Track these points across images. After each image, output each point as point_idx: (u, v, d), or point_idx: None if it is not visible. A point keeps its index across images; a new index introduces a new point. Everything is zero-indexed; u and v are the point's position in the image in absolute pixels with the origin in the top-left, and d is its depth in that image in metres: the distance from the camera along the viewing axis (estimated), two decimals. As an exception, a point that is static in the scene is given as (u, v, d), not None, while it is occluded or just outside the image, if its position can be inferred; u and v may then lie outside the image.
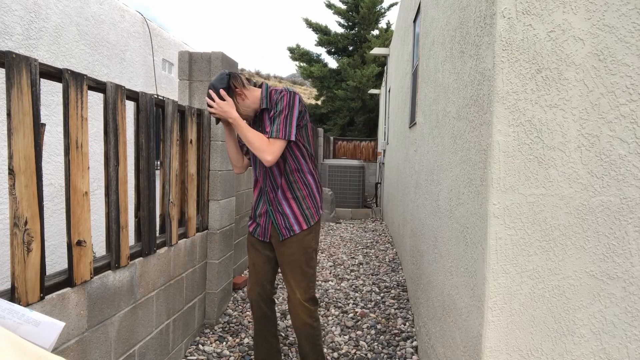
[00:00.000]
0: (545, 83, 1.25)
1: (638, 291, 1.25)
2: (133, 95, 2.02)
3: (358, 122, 14.80)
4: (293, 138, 1.99)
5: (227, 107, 2.00)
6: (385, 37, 13.97)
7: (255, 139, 1.97)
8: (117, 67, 5.27)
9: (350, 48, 15.38)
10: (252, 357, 2.62)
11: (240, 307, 3.41)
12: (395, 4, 15.38)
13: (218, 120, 2.10)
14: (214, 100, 2.01)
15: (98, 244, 3.81)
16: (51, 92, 4.09)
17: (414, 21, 3.97)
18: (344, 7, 15.16)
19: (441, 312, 1.98)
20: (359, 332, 3.02)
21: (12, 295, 1.35)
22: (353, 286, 4.04)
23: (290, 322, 3.15)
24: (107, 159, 1.84)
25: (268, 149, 1.95)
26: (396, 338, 2.94)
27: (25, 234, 1.37)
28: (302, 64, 15.44)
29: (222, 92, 2.00)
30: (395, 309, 3.45)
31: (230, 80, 2.02)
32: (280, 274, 4.16)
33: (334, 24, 61.82)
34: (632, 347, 1.26)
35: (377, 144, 12.16)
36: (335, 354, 2.70)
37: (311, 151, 2.17)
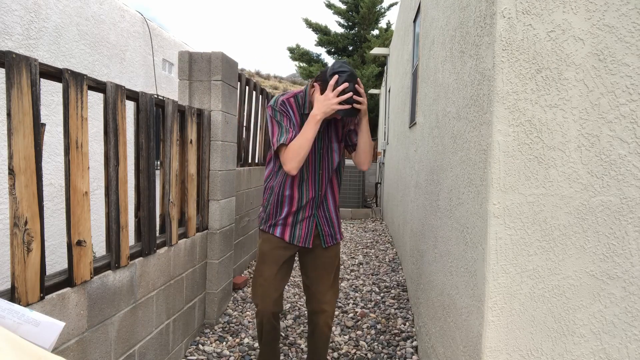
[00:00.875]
0: (545, 83, 1.25)
1: (638, 291, 1.25)
2: (133, 95, 2.02)
3: (358, 122, 14.79)
4: None
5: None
6: (385, 37, 13.97)
7: (371, 141, 1.98)
8: (117, 67, 5.27)
9: (350, 48, 15.38)
10: (252, 357, 2.62)
11: (240, 307, 3.41)
12: (395, 4, 15.38)
13: (353, 113, 1.84)
14: (359, 94, 1.82)
15: (98, 244, 3.81)
16: (51, 92, 4.09)
17: (414, 21, 3.97)
18: (344, 7, 15.16)
19: (441, 312, 1.98)
20: (359, 332, 3.02)
21: (12, 295, 1.35)
22: (353, 286, 4.04)
23: (290, 322, 3.15)
24: (107, 159, 1.84)
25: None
26: (396, 338, 2.94)
27: (25, 234, 1.37)
28: (302, 64, 15.45)
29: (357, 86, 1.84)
30: (395, 309, 3.45)
31: None
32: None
33: (334, 24, 61.79)
34: (632, 347, 1.26)
35: (377, 144, 12.15)
36: (335, 354, 2.70)
37: None
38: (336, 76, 1.78)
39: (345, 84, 1.77)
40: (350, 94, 1.77)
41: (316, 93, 1.87)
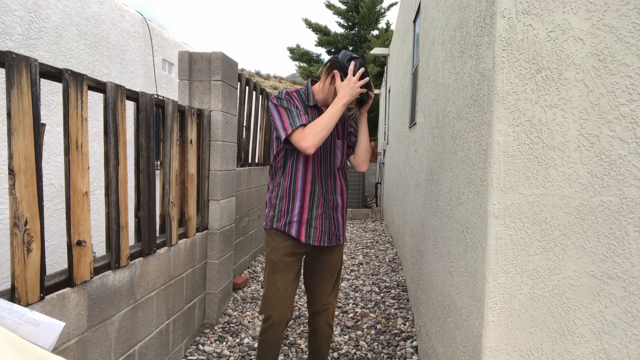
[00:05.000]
0: (545, 83, 1.25)
1: (638, 291, 1.25)
2: (133, 95, 2.02)
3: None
4: None
5: None
6: (385, 37, 13.97)
7: (369, 141, 2.05)
8: (117, 67, 5.27)
9: (350, 48, 15.38)
10: (252, 357, 2.62)
11: (240, 307, 3.41)
12: (395, 4, 15.38)
13: (369, 97, 1.97)
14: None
15: (98, 244, 3.81)
16: (51, 92, 4.09)
17: (414, 21, 3.97)
18: (343, 7, 15.16)
19: (441, 312, 1.98)
20: (359, 332, 3.02)
21: (12, 295, 1.35)
22: (353, 286, 4.04)
23: (290, 322, 3.15)
24: (107, 159, 1.84)
25: None
26: (396, 338, 2.94)
27: (25, 234, 1.37)
28: (302, 64, 15.46)
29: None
30: (395, 309, 3.45)
31: None
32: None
33: (334, 24, 61.80)
34: (632, 347, 1.26)
35: (377, 144, 12.15)
36: (335, 354, 2.70)
37: None
38: (354, 62, 1.86)
39: (363, 69, 1.86)
40: (368, 78, 1.87)
41: (336, 80, 1.89)
